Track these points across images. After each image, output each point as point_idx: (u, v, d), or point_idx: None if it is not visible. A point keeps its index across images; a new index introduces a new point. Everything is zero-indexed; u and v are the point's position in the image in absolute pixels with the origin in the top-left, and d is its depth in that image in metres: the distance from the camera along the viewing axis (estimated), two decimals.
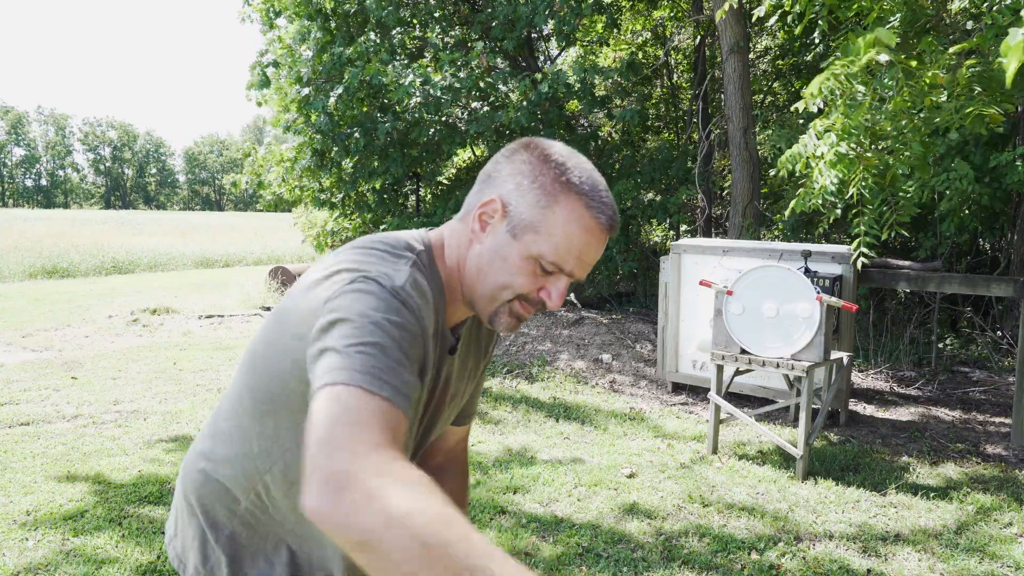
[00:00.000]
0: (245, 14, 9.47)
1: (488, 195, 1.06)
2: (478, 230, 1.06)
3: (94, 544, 3.27)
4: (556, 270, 1.03)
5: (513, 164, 1.05)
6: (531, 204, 1.02)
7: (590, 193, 1.02)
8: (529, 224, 1.02)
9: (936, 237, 7.05)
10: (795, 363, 4.17)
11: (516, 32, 8.24)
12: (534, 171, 1.03)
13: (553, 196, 1.01)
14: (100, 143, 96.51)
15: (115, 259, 17.87)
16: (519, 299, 1.05)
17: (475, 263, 1.06)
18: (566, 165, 1.03)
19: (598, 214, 1.02)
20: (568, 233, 1.01)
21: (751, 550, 3.30)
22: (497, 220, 1.04)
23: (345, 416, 0.78)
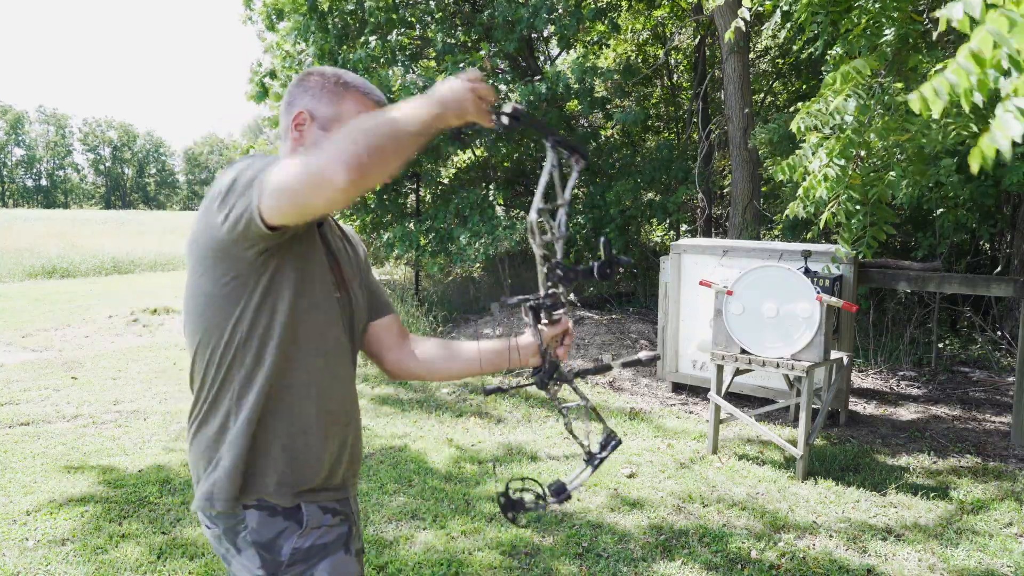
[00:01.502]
0: (247, 16, 9.47)
1: (296, 112, 1.41)
2: (299, 138, 1.41)
3: (94, 544, 3.27)
4: None
5: (302, 87, 1.42)
6: (327, 104, 1.40)
7: (362, 85, 1.43)
8: (332, 117, 1.39)
9: (935, 237, 7.05)
10: (795, 363, 4.17)
11: (516, 34, 8.24)
12: (320, 83, 1.41)
13: (340, 94, 1.40)
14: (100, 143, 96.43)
15: (115, 259, 17.86)
16: None
17: None
18: (339, 73, 1.43)
19: (374, 96, 1.43)
20: (360, 115, 1.37)
21: (751, 550, 3.30)
22: (308, 125, 1.40)
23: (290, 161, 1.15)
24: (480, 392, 5.99)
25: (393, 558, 3.17)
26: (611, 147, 10.53)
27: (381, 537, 3.38)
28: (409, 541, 3.36)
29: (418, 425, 5.10)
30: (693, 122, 10.83)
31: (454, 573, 3.07)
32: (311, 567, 1.36)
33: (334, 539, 1.41)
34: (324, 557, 1.38)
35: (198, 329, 1.35)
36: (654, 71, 11.46)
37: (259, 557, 1.34)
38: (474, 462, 4.35)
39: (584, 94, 8.18)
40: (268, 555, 1.35)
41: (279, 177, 1.14)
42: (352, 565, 1.42)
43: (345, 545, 1.43)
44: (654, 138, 12.16)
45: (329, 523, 1.41)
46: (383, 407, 5.56)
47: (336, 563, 1.38)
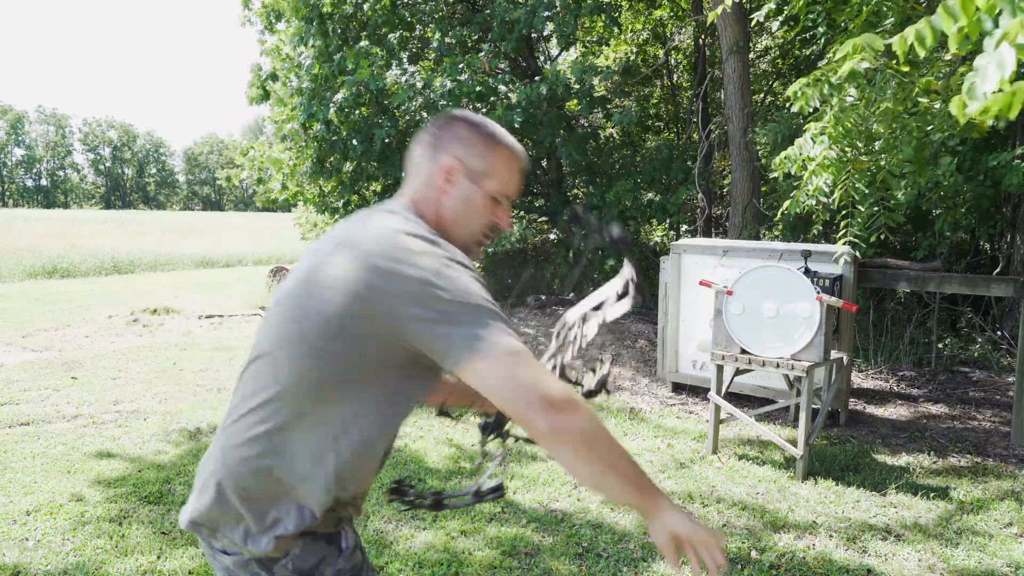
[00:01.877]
0: (246, 18, 9.47)
1: (445, 160, 1.37)
2: (445, 187, 1.37)
3: (94, 544, 3.28)
4: (503, 199, 1.41)
5: (451, 132, 1.39)
6: (479, 157, 1.38)
7: (509, 141, 1.42)
8: (482, 171, 1.38)
9: (935, 237, 7.05)
10: (795, 363, 4.17)
11: (515, 34, 8.23)
12: (471, 134, 1.39)
13: (492, 148, 1.39)
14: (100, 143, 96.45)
15: (115, 259, 17.87)
16: (485, 230, 1.42)
17: (450, 213, 1.38)
18: (486, 124, 1.41)
19: (519, 152, 1.43)
20: (508, 169, 1.40)
21: (751, 550, 3.30)
22: (458, 175, 1.37)
23: (525, 367, 1.15)
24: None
25: (393, 558, 3.17)
26: (611, 147, 10.53)
27: (381, 537, 3.38)
28: (409, 541, 3.36)
29: (417, 425, 5.10)
30: (693, 122, 10.82)
31: (454, 573, 3.07)
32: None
33: (362, 556, 1.42)
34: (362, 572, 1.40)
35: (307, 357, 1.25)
36: (654, 71, 11.46)
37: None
38: (474, 462, 4.35)
39: (584, 94, 8.18)
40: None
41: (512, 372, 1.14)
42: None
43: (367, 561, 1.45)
44: (654, 138, 12.15)
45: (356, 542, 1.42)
46: None
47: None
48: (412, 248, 1.21)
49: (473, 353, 1.15)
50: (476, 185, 1.37)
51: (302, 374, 1.24)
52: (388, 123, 8.17)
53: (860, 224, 3.77)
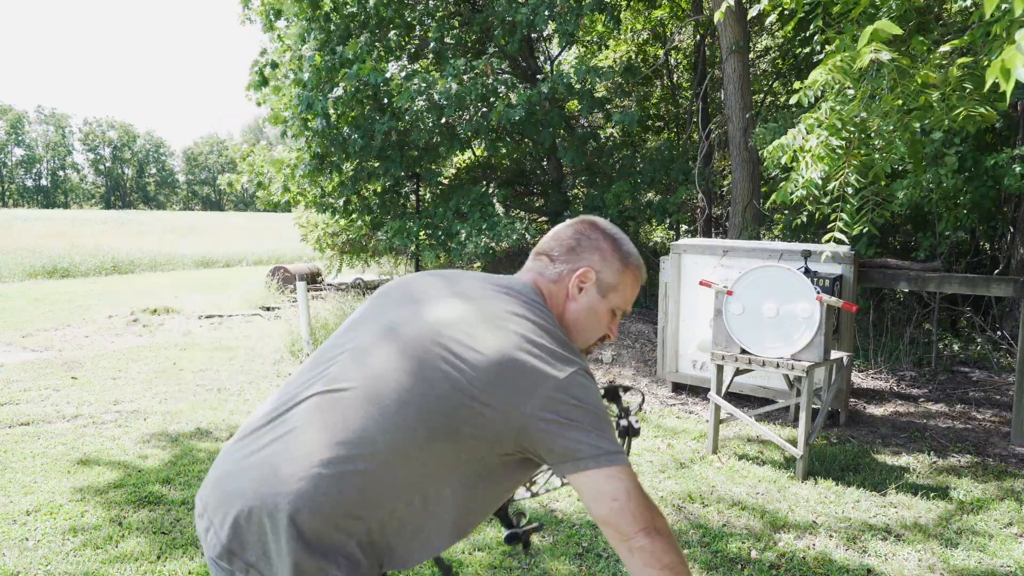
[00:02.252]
0: (245, 16, 9.47)
1: (582, 266, 1.44)
2: (576, 293, 1.44)
3: (94, 544, 3.27)
4: (620, 314, 1.49)
5: (593, 242, 1.46)
6: (613, 273, 1.45)
7: (639, 261, 1.49)
8: (612, 286, 1.45)
9: (935, 237, 7.05)
10: (795, 363, 4.17)
11: (517, 35, 8.23)
12: (608, 247, 1.45)
13: (624, 265, 1.46)
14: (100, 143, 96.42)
15: (115, 259, 17.87)
16: (597, 339, 1.48)
17: (573, 317, 1.44)
18: (621, 241, 1.48)
19: (643, 272, 1.51)
20: (632, 288, 1.48)
21: (751, 550, 3.30)
22: (590, 284, 1.43)
23: (634, 489, 1.22)
24: None
25: None
26: (611, 147, 10.53)
27: None
28: None
29: None
30: (693, 122, 10.82)
31: (454, 573, 3.07)
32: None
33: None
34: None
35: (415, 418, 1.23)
36: (654, 71, 11.46)
37: None
38: None
39: (584, 94, 8.18)
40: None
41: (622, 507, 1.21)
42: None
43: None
44: (654, 138, 12.15)
45: None
46: None
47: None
48: (557, 350, 1.27)
49: (599, 465, 1.21)
50: (603, 297, 1.44)
51: (408, 431, 1.21)
52: (388, 118, 8.16)
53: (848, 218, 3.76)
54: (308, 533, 1.18)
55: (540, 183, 11.38)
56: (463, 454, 1.24)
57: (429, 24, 9.43)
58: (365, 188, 9.68)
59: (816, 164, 3.55)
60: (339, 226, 10.86)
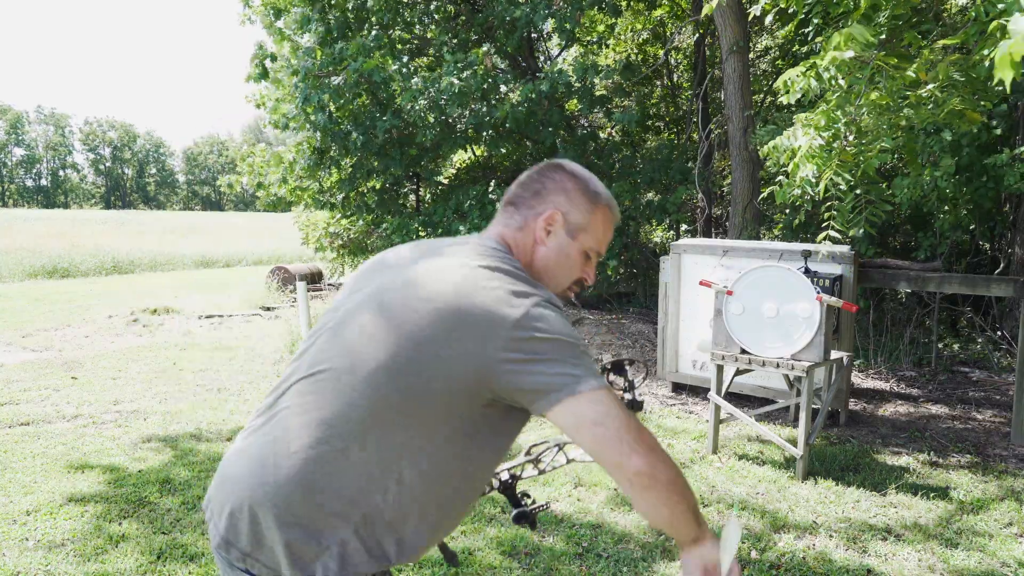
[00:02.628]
0: (246, 17, 9.47)
1: (547, 209, 1.39)
2: (544, 237, 1.39)
3: (94, 544, 3.27)
4: (595, 256, 1.44)
5: (556, 183, 1.41)
6: (581, 212, 1.40)
7: (610, 199, 1.45)
8: (581, 227, 1.40)
9: (935, 237, 7.05)
10: (795, 363, 4.17)
11: (517, 33, 8.23)
12: (574, 187, 1.41)
13: (593, 204, 1.41)
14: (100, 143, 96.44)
15: (115, 259, 17.88)
16: (571, 283, 1.43)
17: (543, 262, 1.39)
18: (590, 179, 1.43)
19: (615, 211, 1.46)
20: (604, 228, 1.43)
21: (751, 550, 3.30)
22: (558, 227, 1.39)
23: (616, 410, 1.17)
24: None
25: None
26: (611, 147, 10.53)
27: None
28: None
29: None
30: (693, 122, 10.82)
31: (454, 573, 3.07)
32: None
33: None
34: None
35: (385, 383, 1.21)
36: (654, 71, 11.45)
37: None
38: None
39: (584, 93, 8.18)
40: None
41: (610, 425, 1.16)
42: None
43: None
44: (654, 138, 12.15)
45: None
46: None
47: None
48: (511, 288, 1.21)
49: (573, 392, 1.15)
50: (573, 239, 1.39)
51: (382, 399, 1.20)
52: (390, 116, 8.16)
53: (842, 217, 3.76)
54: (296, 519, 1.19)
55: None
56: (442, 412, 1.21)
57: (429, 24, 9.44)
58: (364, 185, 9.67)
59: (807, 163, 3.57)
60: (340, 225, 10.86)
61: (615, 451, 1.16)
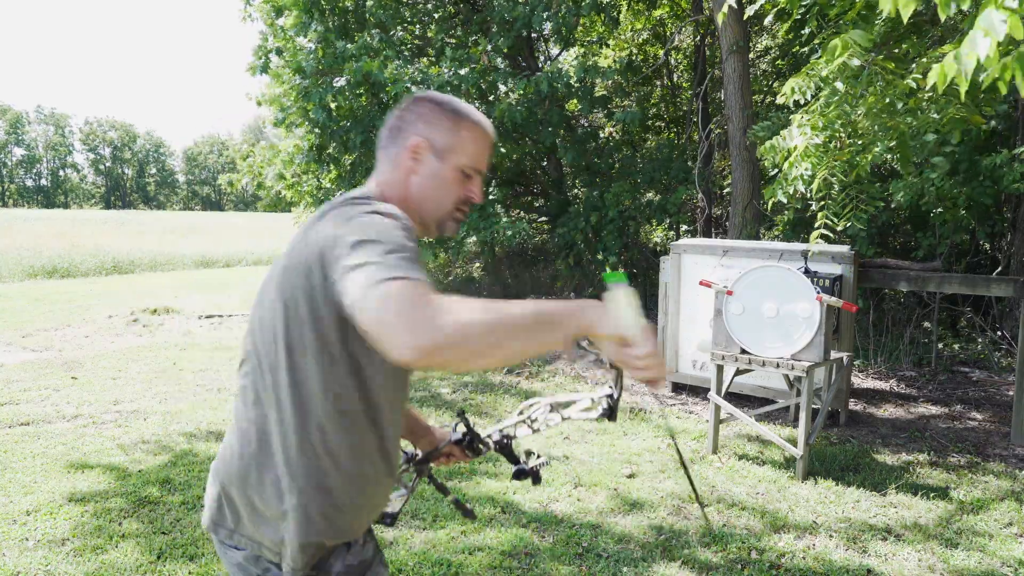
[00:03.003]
0: (247, 14, 9.46)
1: (411, 139, 1.39)
2: (412, 165, 1.39)
3: (94, 544, 3.27)
4: (474, 173, 1.42)
5: (414, 113, 1.41)
6: (444, 133, 1.39)
7: (475, 116, 1.42)
8: (449, 147, 1.39)
9: (935, 237, 7.05)
10: (795, 363, 4.17)
11: (514, 32, 8.23)
12: (435, 111, 1.40)
13: (456, 123, 1.39)
14: (100, 143, 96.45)
15: (115, 259, 17.86)
16: (457, 204, 1.42)
17: (418, 191, 1.39)
18: (452, 101, 1.42)
19: (485, 126, 1.43)
20: (475, 144, 1.41)
21: (751, 550, 3.30)
22: (424, 153, 1.38)
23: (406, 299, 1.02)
24: (480, 391, 5.99)
25: (393, 558, 3.17)
26: (611, 147, 10.53)
27: (381, 537, 3.38)
28: (409, 541, 3.36)
29: None
30: (693, 122, 10.82)
31: (454, 573, 3.08)
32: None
33: (372, 552, 1.45)
34: (368, 571, 1.41)
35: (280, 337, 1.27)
36: (654, 71, 11.46)
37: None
38: (472, 462, 4.35)
39: (585, 93, 8.17)
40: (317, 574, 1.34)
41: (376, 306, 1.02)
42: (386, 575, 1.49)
43: (381, 559, 1.48)
44: (654, 138, 12.15)
45: (366, 539, 1.45)
46: None
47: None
48: (351, 209, 1.22)
49: (348, 280, 1.08)
50: (443, 162, 1.39)
51: (277, 364, 1.28)
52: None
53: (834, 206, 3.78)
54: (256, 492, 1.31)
55: (540, 183, 11.37)
56: (326, 357, 1.25)
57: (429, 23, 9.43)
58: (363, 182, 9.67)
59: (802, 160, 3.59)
60: None
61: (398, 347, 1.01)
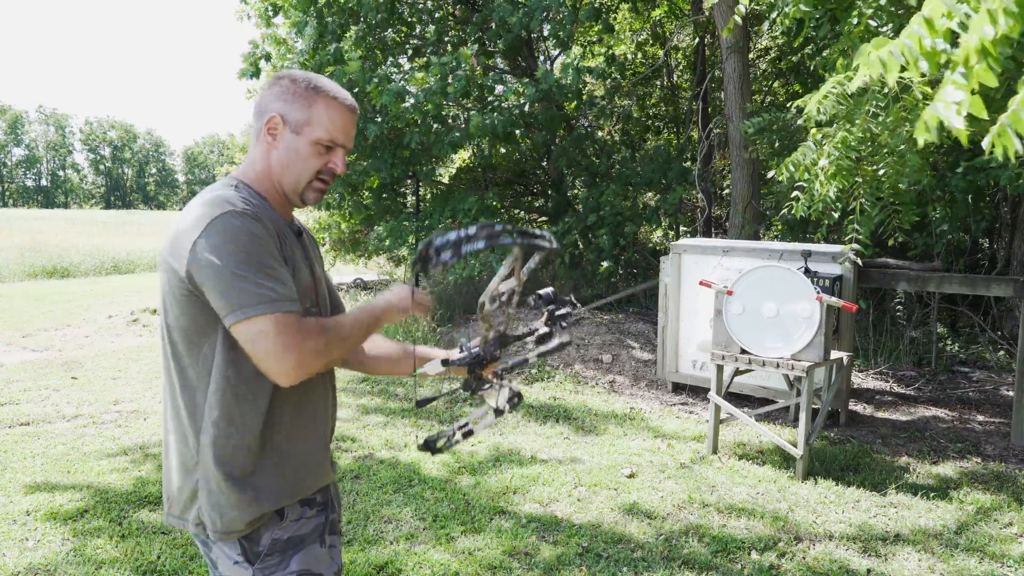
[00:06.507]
0: (243, 12, 9.44)
1: (268, 117, 1.46)
2: (271, 141, 1.47)
3: (94, 544, 3.27)
4: (333, 145, 1.48)
5: (272, 92, 1.47)
6: (299, 108, 1.45)
7: (332, 89, 1.48)
8: (303, 121, 1.45)
9: (931, 236, 7.05)
10: (795, 363, 4.17)
11: (512, 34, 8.23)
12: (291, 88, 1.46)
13: (311, 98, 1.46)
14: (100, 143, 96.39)
15: (115, 259, 17.85)
16: (317, 176, 1.49)
17: (278, 164, 1.47)
18: (309, 78, 1.48)
19: (343, 99, 1.49)
20: (331, 117, 1.46)
21: (751, 550, 3.30)
22: (280, 129, 1.46)
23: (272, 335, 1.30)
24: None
25: (393, 558, 3.17)
26: (609, 148, 10.53)
27: (381, 537, 3.38)
28: (409, 541, 3.36)
29: (409, 432, 5.10)
30: (693, 122, 10.82)
31: (454, 573, 3.07)
32: (286, 559, 1.42)
33: (310, 531, 1.47)
34: (299, 549, 1.44)
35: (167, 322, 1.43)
36: (654, 71, 11.45)
37: (239, 545, 1.41)
38: (473, 463, 4.35)
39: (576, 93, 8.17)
40: (248, 544, 1.40)
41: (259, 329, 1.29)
42: (323, 559, 1.49)
43: (320, 537, 1.49)
44: (654, 138, 12.15)
45: (307, 515, 1.47)
46: (371, 416, 5.56)
47: (309, 556, 1.45)
48: (201, 208, 1.35)
49: (235, 319, 1.30)
50: (299, 135, 1.45)
51: (167, 345, 1.43)
52: (383, 119, 8.13)
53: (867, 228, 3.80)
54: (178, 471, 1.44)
55: (540, 183, 11.37)
56: (197, 332, 1.38)
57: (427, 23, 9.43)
58: (361, 185, 9.65)
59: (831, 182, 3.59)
60: (335, 220, 10.81)
61: (275, 375, 1.32)
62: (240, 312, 1.28)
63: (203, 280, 1.30)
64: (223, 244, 1.29)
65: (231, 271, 1.28)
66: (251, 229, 1.32)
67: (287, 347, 1.28)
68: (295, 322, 1.31)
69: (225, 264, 1.29)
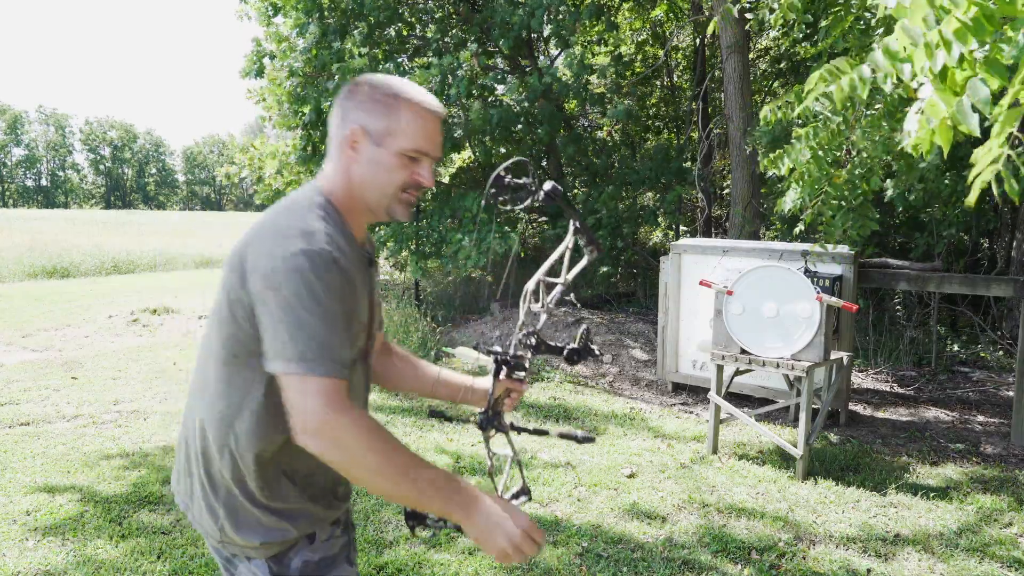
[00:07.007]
0: (243, 11, 9.44)
1: (348, 129, 1.35)
2: (352, 155, 1.36)
3: (94, 544, 3.27)
4: (419, 155, 1.36)
5: (353, 100, 1.36)
6: (380, 117, 1.33)
7: (415, 95, 1.36)
8: (386, 131, 1.33)
9: (932, 236, 7.05)
10: (795, 363, 4.17)
11: (513, 33, 8.23)
12: (370, 95, 1.35)
13: (393, 106, 1.34)
14: (100, 143, 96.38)
15: (115, 259, 17.85)
16: (403, 189, 1.37)
17: (360, 179, 1.37)
18: (390, 83, 1.36)
19: (428, 104, 1.36)
20: (415, 125, 1.34)
21: (751, 550, 3.30)
22: (362, 141, 1.34)
23: (317, 404, 1.19)
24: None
25: (393, 558, 3.17)
26: (609, 148, 10.53)
27: (381, 537, 3.38)
28: (409, 541, 3.35)
29: (409, 432, 5.10)
30: (693, 122, 10.82)
31: (454, 573, 3.07)
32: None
33: (339, 550, 1.45)
34: (331, 569, 1.41)
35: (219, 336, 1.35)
36: (654, 71, 11.45)
37: (267, 568, 1.36)
38: (472, 463, 4.35)
39: (579, 91, 8.17)
40: (277, 567, 1.35)
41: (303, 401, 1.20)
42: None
43: (347, 556, 1.47)
44: (654, 138, 12.15)
45: (335, 534, 1.45)
46: (372, 414, 5.56)
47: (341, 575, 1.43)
48: (288, 226, 1.27)
49: (288, 369, 1.21)
50: (382, 147, 1.34)
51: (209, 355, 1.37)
52: None
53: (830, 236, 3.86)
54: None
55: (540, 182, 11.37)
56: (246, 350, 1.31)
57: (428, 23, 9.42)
58: None
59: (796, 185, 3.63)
60: None
61: (313, 446, 1.21)
62: (296, 365, 1.19)
63: (261, 315, 1.23)
64: (297, 286, 1.20)
65: (297, 316, 1.19)
66: (328, 277, 1.22)
67: (326, 422, 1.19)
68: (338, 395, 1.22)
69: (292, 307, 1.19)
